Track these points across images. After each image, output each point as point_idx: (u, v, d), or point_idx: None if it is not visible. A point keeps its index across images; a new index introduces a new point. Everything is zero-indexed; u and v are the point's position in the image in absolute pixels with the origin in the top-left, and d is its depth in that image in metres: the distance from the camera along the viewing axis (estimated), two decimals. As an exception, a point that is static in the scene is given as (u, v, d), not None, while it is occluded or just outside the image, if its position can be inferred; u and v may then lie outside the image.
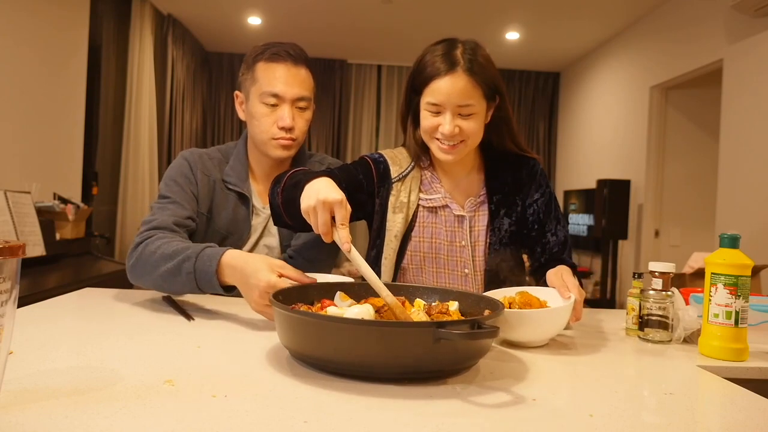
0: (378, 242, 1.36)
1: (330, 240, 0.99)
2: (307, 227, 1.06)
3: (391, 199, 1.35)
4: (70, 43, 3.97)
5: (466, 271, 1.33)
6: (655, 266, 1.16)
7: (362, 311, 0.87)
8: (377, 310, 0.91)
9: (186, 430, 0.59)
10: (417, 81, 1.29)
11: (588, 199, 5.58)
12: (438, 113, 1.25)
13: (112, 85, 4.80)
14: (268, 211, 1.50)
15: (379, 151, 1.43)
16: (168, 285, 1.20)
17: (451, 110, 1.24)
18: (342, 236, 0.97)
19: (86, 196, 4.25)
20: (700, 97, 4.73)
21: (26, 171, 3.42)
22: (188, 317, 1.13)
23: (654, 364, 0.98)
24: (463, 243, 1.33)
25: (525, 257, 1.42)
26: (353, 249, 0.96)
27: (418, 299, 1.03)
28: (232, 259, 1.12)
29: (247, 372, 0.81)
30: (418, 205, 1.36)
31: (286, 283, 1.01)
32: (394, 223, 1.33)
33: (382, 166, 1.38)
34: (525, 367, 0.91)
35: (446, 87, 1.22)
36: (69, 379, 0.73)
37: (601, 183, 5.02)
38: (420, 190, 1.37)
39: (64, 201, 3.31)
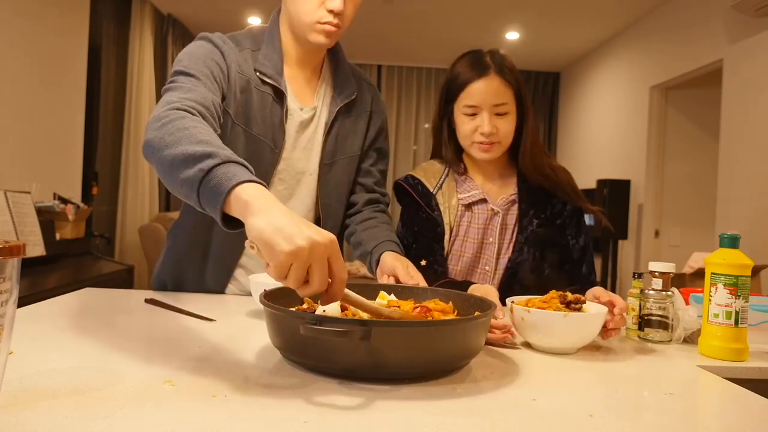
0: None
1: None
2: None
3: (442, 208, 1.41)
4: (70, 44, 3.97)
5: (487, 268, 1.38)
6: (655, 266, 1.16)
7: (330, 308, 0.85)
8: (342, 309, 0.89)
9: (186, 430, 0.59)
10: (451, 90, 1.38)
11: (588, 199, 5.57)
12: (475, 115, 1.34)
13: (112, 85, 4.80)
14: (306, 115, 1.35)
15: (408, 174, 1.49)
16: (171, 172, 0.90)
17: (487, 110, 1.33)
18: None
19: (86, 196, 4.25)
20: (700, 97, 4.72)
21: (26, 171, 3.42)
22: (208, 319, 1.11)
23: (654, 364, 0.98)
24: (491, 239, 1.38)
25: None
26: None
27: (381, 292, 1.02)
28: (269, 196, 0.81)
29: (247, 372, 0.81)
30: (458, 204, 1.42)
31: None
32: (445, 229, 1.40)
33: (419, 186, 1.44)
34: (524, 367, 0.91)
35: (482, 88, 1.32)
36: (69, 379, 0.73)
37: (601, 183, 5.02)
38: (457, 192, 1.43)
39: (64, 201, 3.31)
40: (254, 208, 0.78)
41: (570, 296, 1.03)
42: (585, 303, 1.04)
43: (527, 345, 1.04)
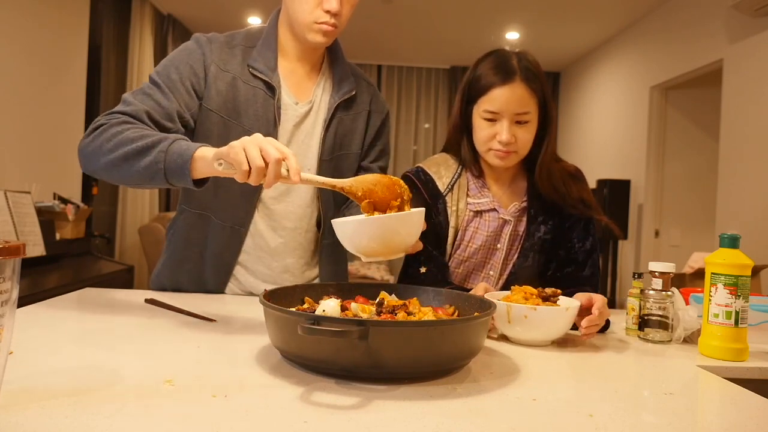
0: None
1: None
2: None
3: (449, 211, 1.36)
4: (70, 44, 3.97)
5: (491, 272, 1.35)
6: (655, 266, 1.16)
7: (330, 308, 0.86)
8: (342, 308, 0.90)
9: (186, 430, 0.59)
10: (472, 91, 1.32)
11: (588, 199, 5.57)
12: (494, 121, 1.28)
13: (112, 85, 4.80)
14: (302, 110, 1.38)
15: (419, 165, 1.43)
16: (127, 166, 1.10)
17: (508, 118, 1.27)
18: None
19: (86, 196, 4.25)
20: (699, 97, 4.72)
21: (26, 171, 3.42)
22: (209, 319, 1.12)
23: (654, 364, 0.98)
24: (499, 246, 1.35)
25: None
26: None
27: (382, 291, 1.02)
28: (209, 148, 1.04)
29: (247, 372, 0.81)
30: (467, 209, 1.38)
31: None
32: (449, 232, 1.36)
33: (430, 184, 1.39)
34: (524, 367, 0.91)
35: (505, 95, 1.26)
36: (69, 379, 0.73)
37: (601, 183, 5.02)
38: (467, 195, 1.38)
39: (64, 201, 3.31)
40: (215, 150, 1.00)
41: (549, 291, 1.08)
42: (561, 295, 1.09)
43: (504, 338, 1.09)
